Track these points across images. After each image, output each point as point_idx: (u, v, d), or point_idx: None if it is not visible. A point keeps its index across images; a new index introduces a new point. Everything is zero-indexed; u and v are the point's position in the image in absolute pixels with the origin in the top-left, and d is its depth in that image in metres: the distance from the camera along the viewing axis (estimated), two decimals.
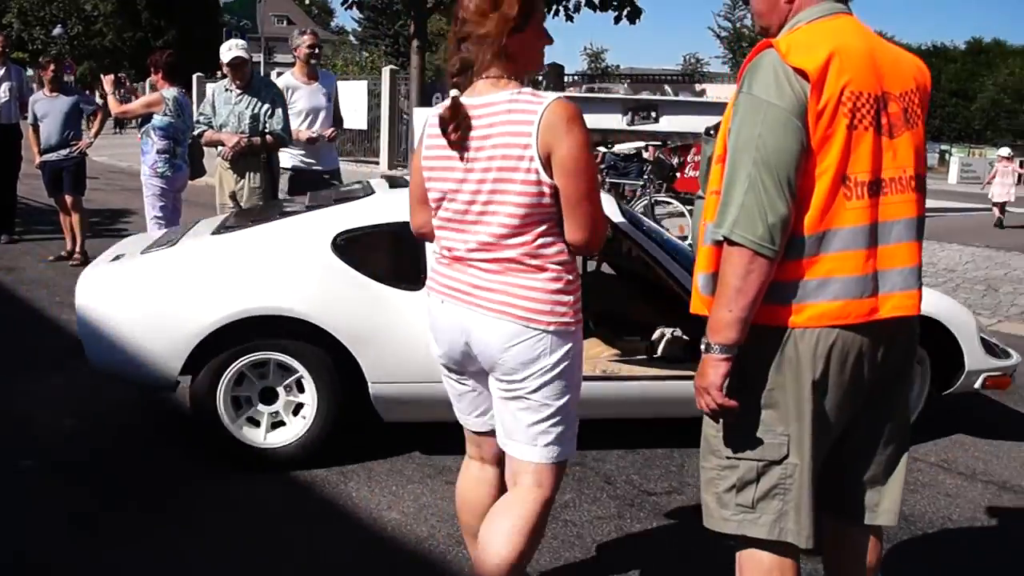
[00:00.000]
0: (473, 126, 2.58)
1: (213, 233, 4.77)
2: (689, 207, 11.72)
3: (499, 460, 2.92)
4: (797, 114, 2.24)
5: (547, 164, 2.51)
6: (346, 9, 38.98)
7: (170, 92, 7.39)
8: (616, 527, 3.92)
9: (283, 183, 7.19)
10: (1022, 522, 4.21)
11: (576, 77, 20.15)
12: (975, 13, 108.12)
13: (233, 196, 6.77)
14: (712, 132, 6.05)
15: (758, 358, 2.35)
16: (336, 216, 4.55)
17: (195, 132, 6.95)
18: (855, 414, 2.45)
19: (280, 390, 4.36)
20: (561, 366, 2.64)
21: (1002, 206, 17.29)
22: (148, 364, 4.27)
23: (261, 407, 4.37)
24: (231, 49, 6.67)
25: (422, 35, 17.08)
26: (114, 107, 7.68)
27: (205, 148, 7.27)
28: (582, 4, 18.56)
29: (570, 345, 2.65)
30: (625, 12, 18.26)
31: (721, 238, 2.27)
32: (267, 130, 6.68)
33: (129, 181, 16.71)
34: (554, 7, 18.26)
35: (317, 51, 7.42)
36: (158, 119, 7.32)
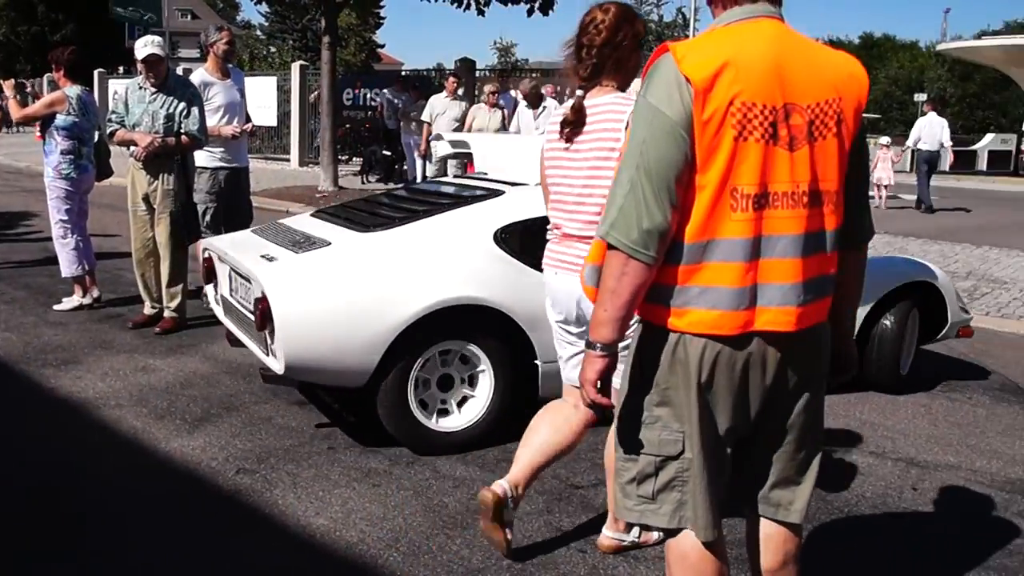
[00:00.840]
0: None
1: (364, 230, 4.88)
2: None
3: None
4: (683, 124, 2.21)
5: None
6: (255, 4, 38.50)
7: (73, 90, 7.16)
8: (545, 522, 3.94)
9: (203, 183, 7.11)
10: (929, 494, 4.39)
11: (487, 72, 20.20)
12: (867, 8, 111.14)
13: (146, 198, 6.64)
14: None
15: (654, 357, 2.39)
16: (495, 210, 4.88)
17: (108, 131, 6.74)
18: (757, 420, 2.45)
19: (455, 375, 4.74)
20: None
21: (883, 188, 18.10)
22: (348, 359, 4.41)
23: (438, 392, 4.72)
24: (146, 46, 6.47)
25: (332, 30, 16.86)
26: (16, 112, 7.34)
27: (116, 147, 7.09)
28: None
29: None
30: (537, 4, 18.28)
31: (601, 235, 2.30)
32: (182, 130, 6.55)
33: (29, 182, 16.27)
34: (465, 1, 18.22)
35: (234, 48, 7.33)
36: (61, 119, 7.09)
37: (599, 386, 2.41)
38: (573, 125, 3.24)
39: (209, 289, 5.74)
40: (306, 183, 17.72)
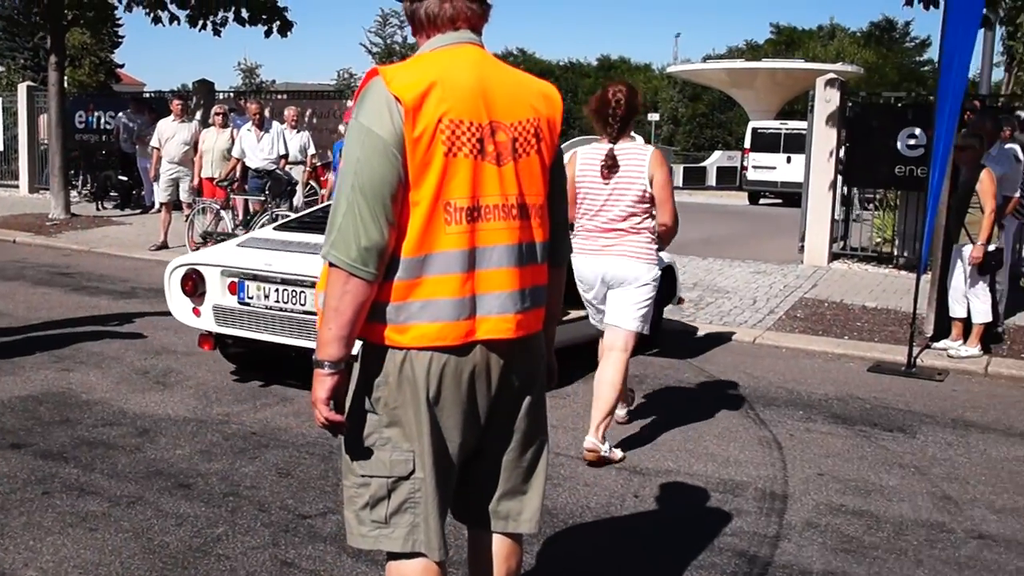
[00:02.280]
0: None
1: None
2: None
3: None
4: (395, 142, 2.29)
5: (651, 182, 4.97)
6: None
7: None
8: (271, 555, 3.87)
9: None
10: (649, 500, 4.64)
11: (230, 93, 19.73)
12: (604, 33, 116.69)
13: None
14: None
15: (381, 377, 2.42)
16: None
17: None
18: (485, 430, 2.52)
19: None
20: (654, 281, 5.10)
21: None
22: None
23: None
24: None
25: (60, 50, 15.99)
26: None
27: None
28: (229, 18, 18.09)
29: (656, 270, 5.10)
30: (276, 26, 17.99)
31: (322, 255, 2.35)
32: None
33: None
34: (200, 21, 17.68)
35: None
36: None
37: (331, 405, 2.40)
38: (610, 165, 5.03)
39: (187, 303, 6.27)
40: (36, 210, 16.70)
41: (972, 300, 8.07)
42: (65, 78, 18.34)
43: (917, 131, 11.50)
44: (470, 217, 2.37)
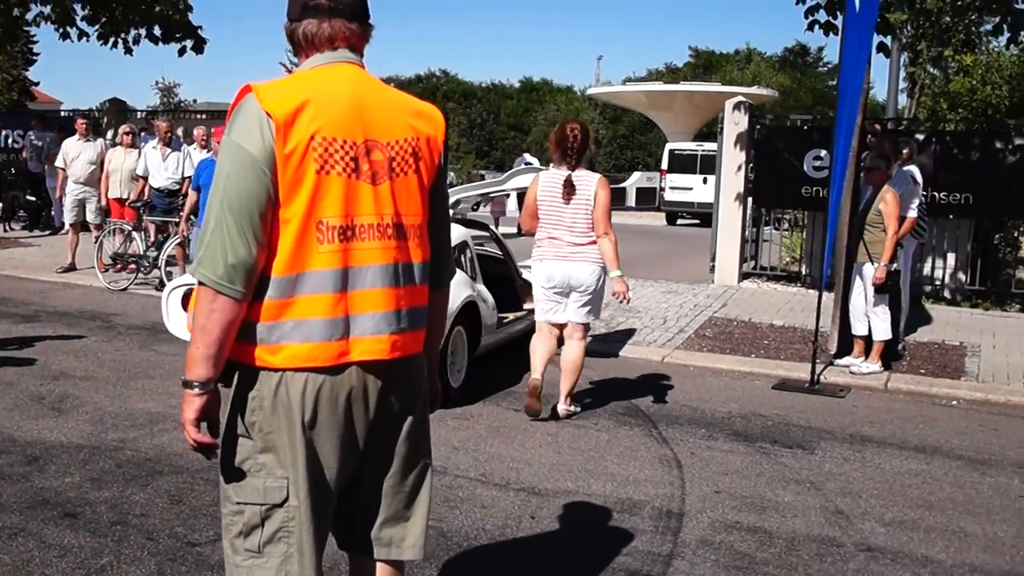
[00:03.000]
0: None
1: None
2: None
3: (560, 334, 6.50)
4: (265, 160, 2.26)
5: (595, 199, 6.22)
6: None
7: None
8: None
9: None
10: (546, 521, 4.63)
11: (143, 112, 19.43)
12: (527, 55, 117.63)
13: None
14: None
15: (255, 400, 2.37)
16: None
17: None
18: (364, 454, 2.48)
19: None
20: (602, 281, 6.35)
21: None
22: None
23: None
24: None
25: None
26: None
27: None
28: (142, 36, 17.81)
29: (603, 273, 6.28)
30: (189, 44, 17.77)
31: (191, 273, 2.33)
32: None
33: None
34: (111, 39, 17.37)
35: None
36: None
37: (201, 426, 2.36)
38: (569, 189, 6.26)
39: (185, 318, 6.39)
40: None
41: (872, 318, 8.26)
42: None
43: (823, 153, 11.76)
44: (343, 236, 2.34)
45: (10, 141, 19.14)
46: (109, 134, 16.20)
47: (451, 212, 8.81)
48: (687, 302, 11.47)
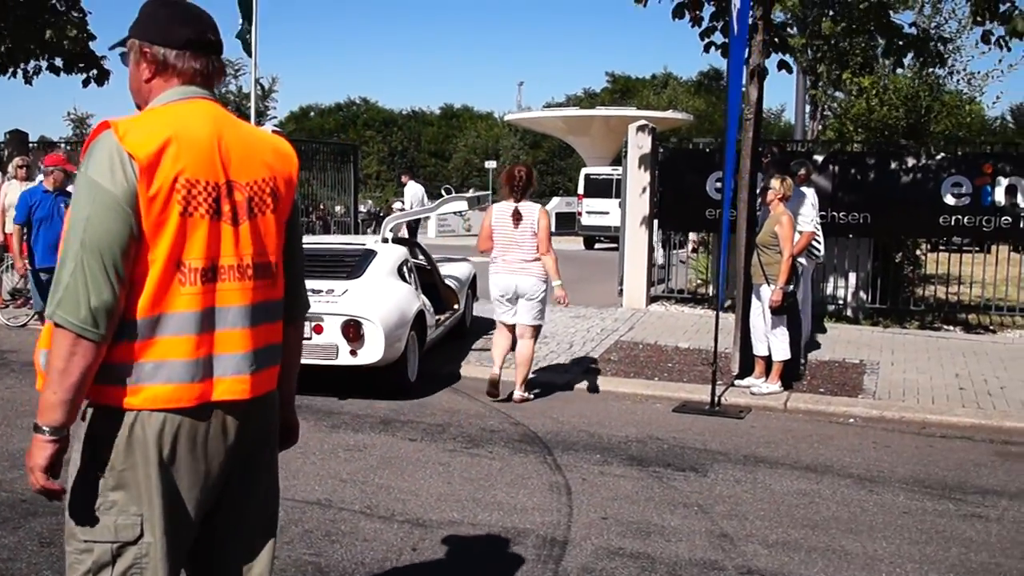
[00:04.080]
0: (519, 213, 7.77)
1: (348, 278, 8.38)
2: None
3: (514, 333, 8.04)
4: (127, 199, 2.22)
5: (537, 225, 7.81)
6: None
7: None
8: None
9: None
10: (427, 553, 4.54)
11: (63, 143, 19.00)
12: (447, 81, 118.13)
13: None
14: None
15: (109, 439, 2.31)
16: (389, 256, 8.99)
17: None
18: (219, 493, 2.47)
19: None
20: (545, 291, 7.92)
21: None
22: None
23: None
24: None
25: None
26: None
27: None
28: (42, 68, 17.39)
29: (545, 284, 7.88)
30: (92, 74, 17.40)
31: (48, 315, 2.23)
32: None
33: None
34: (10, 69, 16.94)
35: None
36: None
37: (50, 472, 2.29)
38: (517, 217, 7.79)
39: None
40: None
41: (771, 339, 8.34)
42: None
43: None
44: (205, 278, 2.34)
45: None
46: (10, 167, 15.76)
47: (389, 236, 9.73)
48: (594, 326, 11.48)
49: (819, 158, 12.00)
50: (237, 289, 2.39)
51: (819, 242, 9.72)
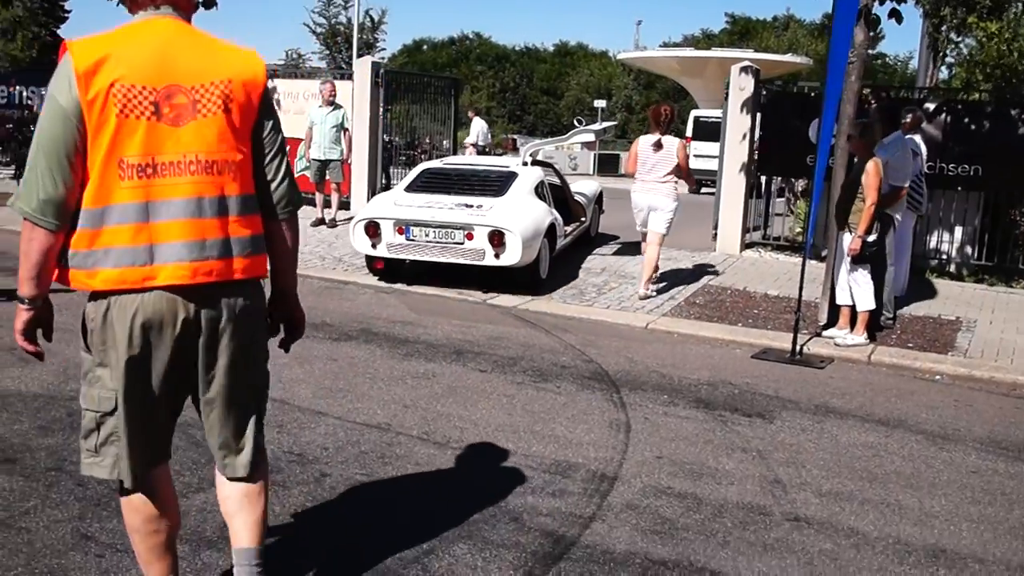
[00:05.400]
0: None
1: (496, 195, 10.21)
2: None
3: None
4: (72, 109, 2.58)
5: (678, 155, 9.59)
6: None
7: None
8: (72, 529, 3.82)
9: None
10: (476, 483, 4.60)
11: None
12: (563, 19, 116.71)
13: None
14: None
15: (91, 320, 2.72)
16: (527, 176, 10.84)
17: None
18: (193, 375, 2.81)
19: None
20: (673, 208, 9.65)
21: None
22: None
23: None
24: None
25: None
26: None
27: None
28: None
29: (675, 203, 9.69)
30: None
31: (11, 204, 2.67)
32: None
33: None
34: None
35: None
36: None
37: (29, 335, 2.78)
38: (658, 146, 9.43)
39: (368, 241, 9.88)
40: None
41: (853, 288, 8.13)
42: None
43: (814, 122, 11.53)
44: (143, 173, 2.64)
45: (24, 97, 19.26)
46: None
47: (523, 158, 11.46)
48: (684, 269, 11.35)
49: (931, 106, 11.51)
50: (178, 183, 2.66)
51: (921, 195, 9.38)
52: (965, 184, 11.47)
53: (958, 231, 11.92)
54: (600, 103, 44.00)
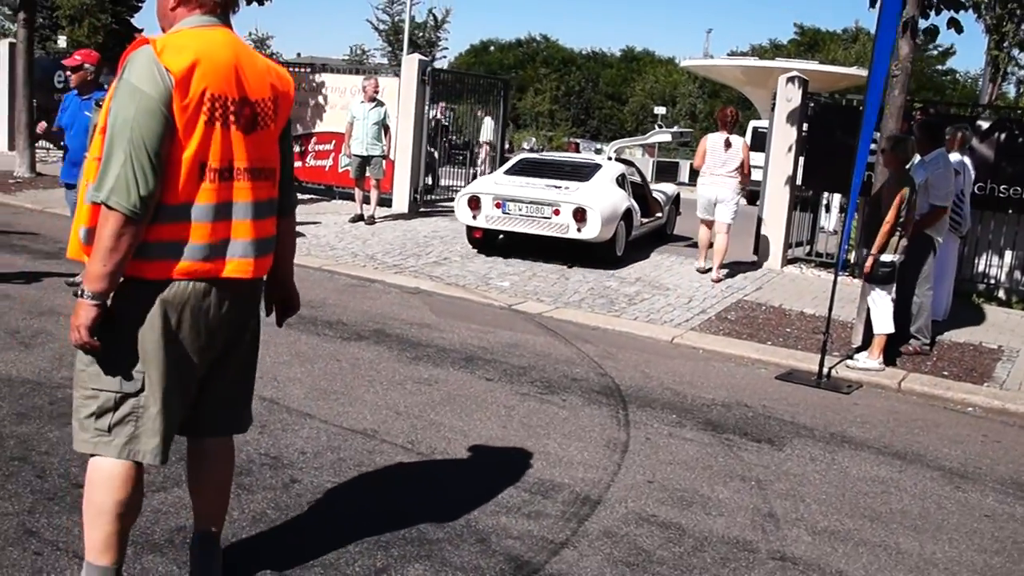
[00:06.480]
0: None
1: (583, 180, 11.76)
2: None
3: (711, 229, 11.28)
4: (165, 103, 2.70)
5: (743, 153, 11.08)
6: None
7: None
8: (18, 523, 3.71)
9: None
10: (452, 498, 4.41)
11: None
12: (631, 24, 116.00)
13: None
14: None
15: (129, 305, 2.83)
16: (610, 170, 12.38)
17: None
18: (218, 356, 3.04)
19: None
20: (736, 201, 11.26)
21: None
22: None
23: None
24: None
25: (29, 6, 15.87)
26: None
27: None
28: None
29: (738, 196, 11.36)
30: None
31: (100, 200, 2.66)
32: None
33: None
34: None
35: None
36: None
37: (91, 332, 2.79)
38: (727, 144, 10.89)
39: (470, 213, 11.45)
40: (4, 168, 16.57)
41: (871, 308, 7.82)
42: (63, 37, 18.23)
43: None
44: (222, 177, 2.85)
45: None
46: None
47: (612, 155, 14.07)
48: (720, 283, 11.06)
49: (984, 124, 11.07)
50: (246, 187, 2.92)
51: (961, 215, 9.00)
52: (1016, 207, 11.01)
53: (1008, 255, 11.45)
54: (660, 110, 43.51)
